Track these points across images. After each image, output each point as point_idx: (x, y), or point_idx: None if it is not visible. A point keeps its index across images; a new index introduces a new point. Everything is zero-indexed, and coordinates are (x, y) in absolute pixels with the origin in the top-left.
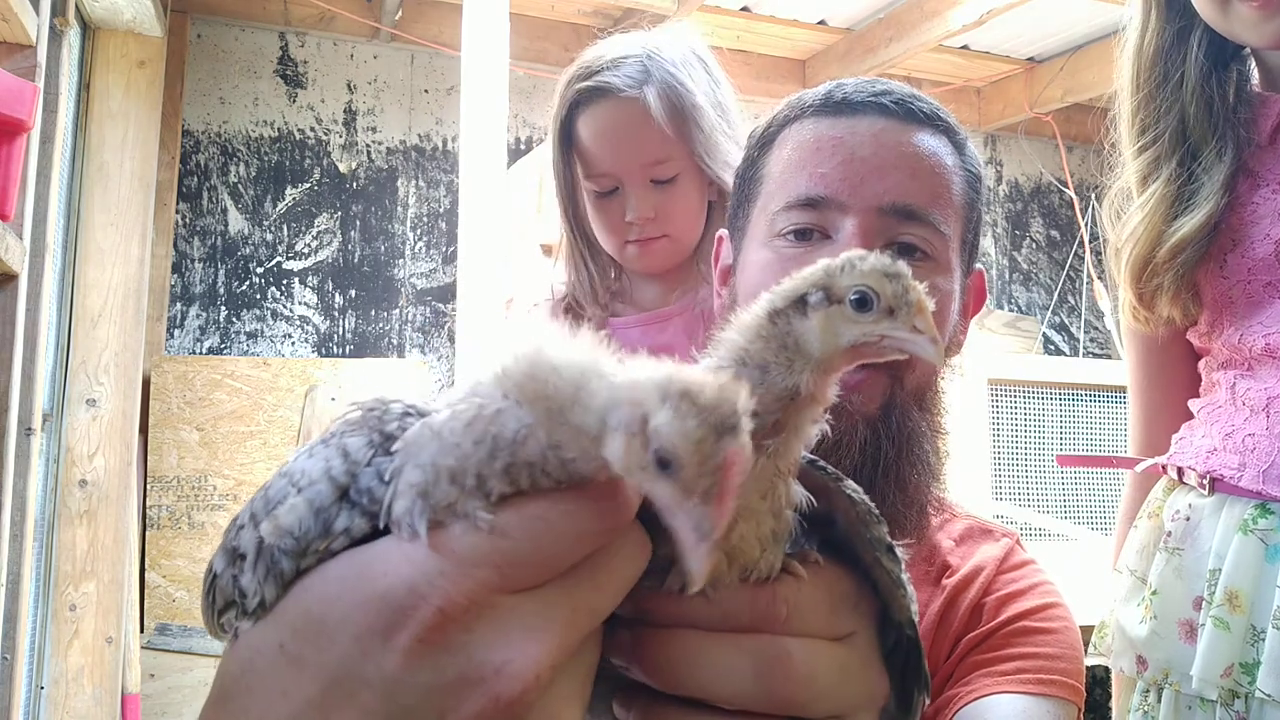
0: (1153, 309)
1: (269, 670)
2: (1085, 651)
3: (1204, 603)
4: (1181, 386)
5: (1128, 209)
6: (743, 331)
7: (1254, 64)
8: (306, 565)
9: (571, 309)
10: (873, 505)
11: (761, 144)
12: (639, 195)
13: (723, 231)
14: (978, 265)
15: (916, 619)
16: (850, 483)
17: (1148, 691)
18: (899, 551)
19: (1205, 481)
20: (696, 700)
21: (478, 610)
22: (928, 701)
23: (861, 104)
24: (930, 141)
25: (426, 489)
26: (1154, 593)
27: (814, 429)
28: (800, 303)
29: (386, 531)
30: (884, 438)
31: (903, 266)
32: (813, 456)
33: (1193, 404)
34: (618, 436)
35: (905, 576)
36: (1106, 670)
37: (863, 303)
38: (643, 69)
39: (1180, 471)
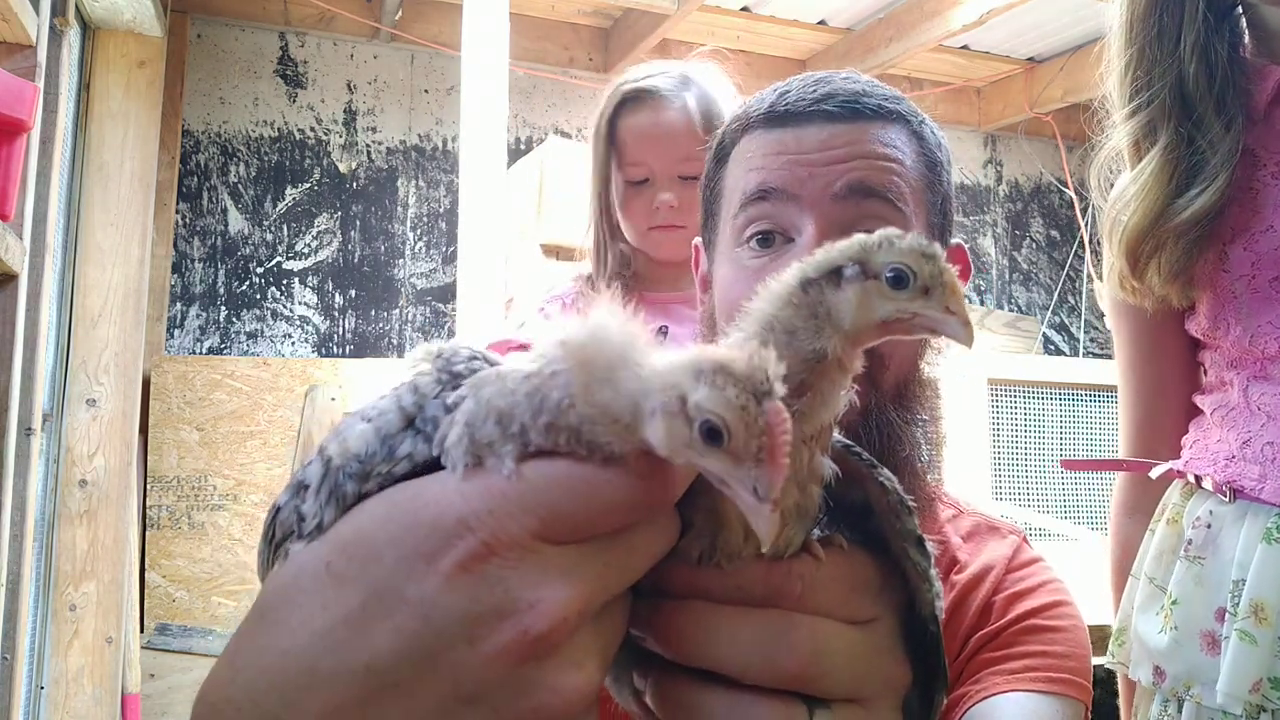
0: (1144, 280)
1: (312, 586)
2: (1102, 655)
3: (1227, 614)
4: (1180, 370)
5: (1119, 173)
6: (771, 300)
7: (1245, 27)
8: (367, 490)
9: (617, 279)
10: (905, 495)
11: (718, 157)
12: (667, 185)
13: (697, 241)
14: (954, 240)
15: (940, 615)
16: (885, 471)
17: (1168, 702)
18: (929, 545)
19: (1226, 490)
20: (710, 675)
21: (520, 551)
22: (944, 701)
23: (805, 113)
24: (880, 134)
25: (475, 423)
26: (1174, 602)
27: (843, 398)
28: (835, 274)
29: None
30: (864, 442)
31: (938, 248)
32: (848, 442)
33: (1202, 401)
34: (658, 419)
35: (934, 571)
36: (1108, 672)
37: (899, 280)
38: (683, 80)
39: (1198, 476)
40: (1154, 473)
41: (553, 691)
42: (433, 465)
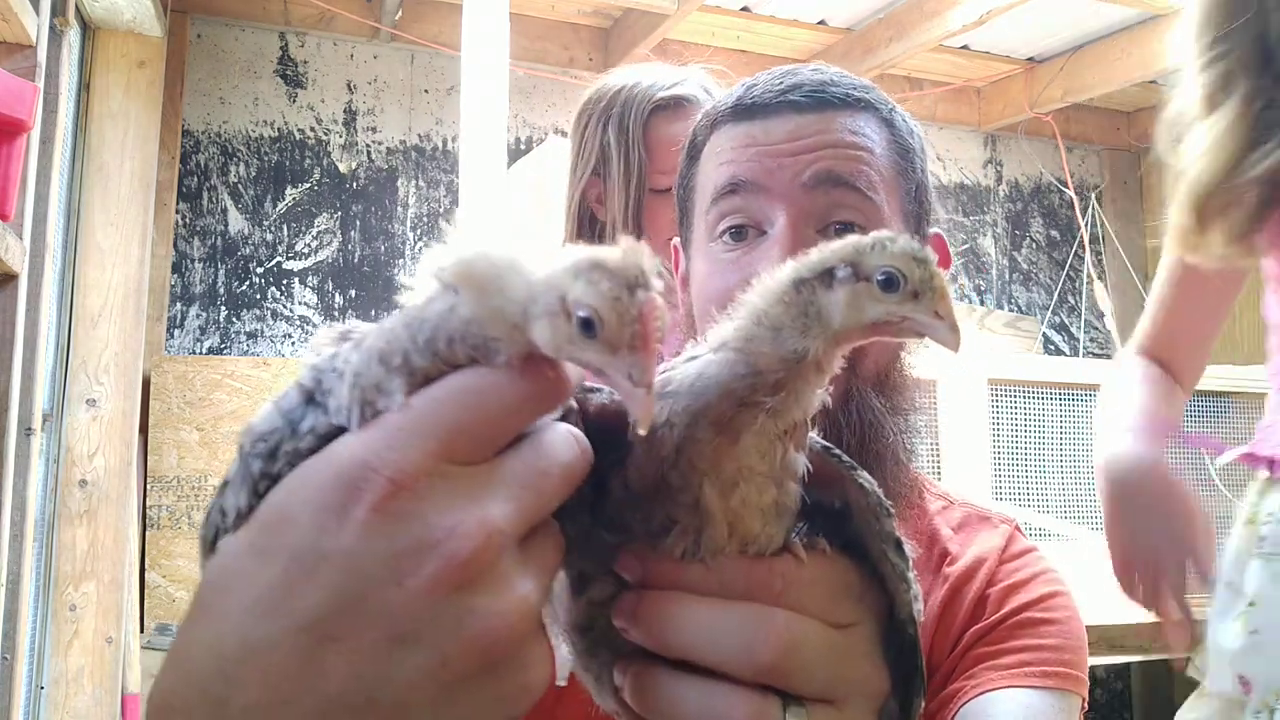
0: (1206, 237)
1: (236, 566)
2: (1102, 655)
3: None
4: (1213, 317)
5: (1188, 130)
6: (764, 295)
7: None
8: (278, 470)
9: None
10: (884, 497)
11: (690, 155)
12: None
13: (675, 241)
14: (933, 230)
15: (919, 618)
16: (864, 473)
17: (1259, 714)
18: (907, 548)
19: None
20: (690, 669)
21: (428, 479)
22: (923, 705)
23: (772, 105)
24: (848, 122)
25: (362, 371)
26: (1251, 604)
27: (816, 396)
28: (827, 275)
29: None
30: (844, 427)
31: (930, 252)
32: (827, 444)
33: (1271, 382)
34: (542, 320)
35: (912, 574)
36: (1107, 671)
37: (889, 283)
38: (705, 89)
39: (1271, 464)
40: (1221, 460)
41: (490, 616)
42: (337, 435)
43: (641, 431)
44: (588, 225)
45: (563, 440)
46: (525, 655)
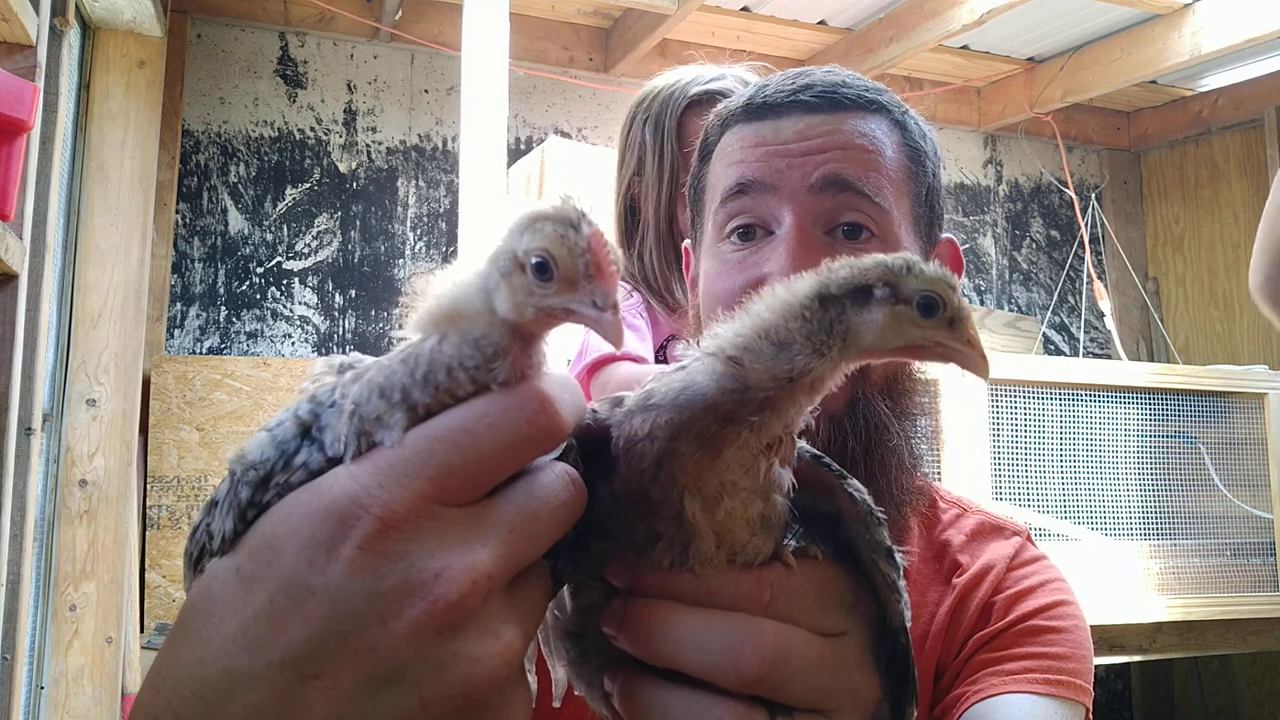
0: None
1: (222, 593)
2: (1105, 655)
3: None
4: None
5: None
6: (777, 309)
7: None
8: (268, 500)
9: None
10: (874, 506)
11: (702, 154)
12: None
13: (686, 243)
14: (945, 235)
15: (908, 625)
16: (854, 481)
17: None
18: (898, 557)
19: None
20: (678, 679)
21: (417, 520)
22: (915, 713)
23: (783, 105)
24: (859, 124)
25: (361, 402)
26: None
27: (801, 413)
28: (862, 293)
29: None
30: (850, 433)
31: (957, 279)
32: (818, 453)
33: None
34: (500, 286)
35: (902, 584)
36: (1106, 671)
37: (930, 308)
38: (745, 84)
39: None
40: None
41: (473, 661)
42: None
43: (617, 350)
44: (632, 223)
45: (557, 482)
46: (505, 699)
